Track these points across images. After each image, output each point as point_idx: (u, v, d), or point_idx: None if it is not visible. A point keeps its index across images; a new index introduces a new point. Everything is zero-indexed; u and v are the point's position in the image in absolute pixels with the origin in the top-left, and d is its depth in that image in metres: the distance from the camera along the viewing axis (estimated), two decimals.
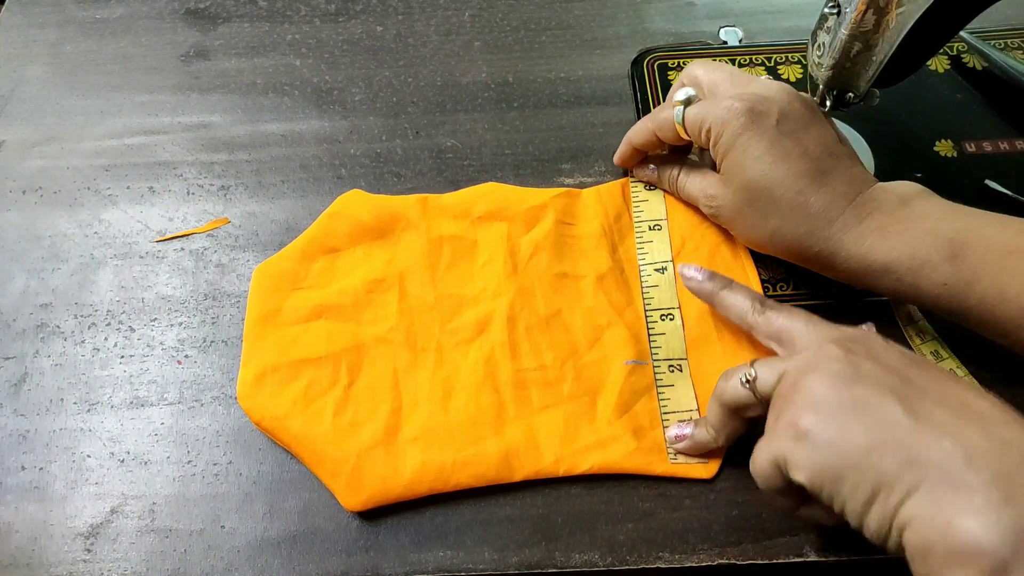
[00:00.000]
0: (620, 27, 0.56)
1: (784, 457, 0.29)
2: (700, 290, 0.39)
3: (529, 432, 0.38)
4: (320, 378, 0.40)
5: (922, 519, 0.25)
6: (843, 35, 0.37)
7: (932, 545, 0.25)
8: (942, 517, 0.25)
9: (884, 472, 0.26)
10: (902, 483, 0.26)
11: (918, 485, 0.26)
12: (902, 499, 0.26)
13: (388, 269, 0.43)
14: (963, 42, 0.52)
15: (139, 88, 0.53)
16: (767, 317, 0.36)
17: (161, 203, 0.48)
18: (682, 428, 0.37)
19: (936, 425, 0.27)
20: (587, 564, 0.36)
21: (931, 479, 0.26)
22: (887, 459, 0.27)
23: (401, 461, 0.37)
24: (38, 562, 0.37)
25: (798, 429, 0.29)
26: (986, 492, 0.24)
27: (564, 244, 0.44)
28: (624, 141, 0.46)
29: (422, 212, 0.45)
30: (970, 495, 0.25)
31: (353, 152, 0.50)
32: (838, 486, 0.28)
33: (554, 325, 0.41)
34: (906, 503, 0.26)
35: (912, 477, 0.26)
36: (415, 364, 0.40)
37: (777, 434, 0.30)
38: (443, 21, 0.57)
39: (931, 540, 0.25)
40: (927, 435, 0.26)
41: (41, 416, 0.41)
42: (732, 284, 0.39)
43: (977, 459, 0.25)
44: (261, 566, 0.36)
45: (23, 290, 0.45)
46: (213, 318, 0.43)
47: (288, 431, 0.38)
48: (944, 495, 0.25)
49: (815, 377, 0.30)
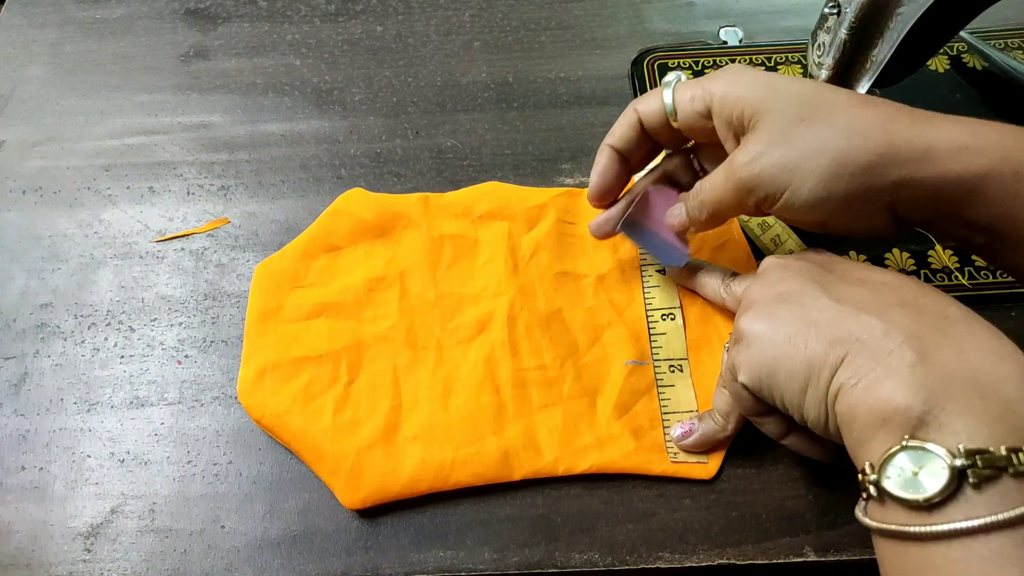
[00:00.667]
0: (620, 27, 0.56)
1: (732, 363, 0.31)
2: (679, 274, 0.41)
3: (528, 431, 0.38)
4: (320, 376, 0.40)
5: (846, 388, 0.26)
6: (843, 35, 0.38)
7: (856, 411, 0.26)
8: (863, 384, 0.26)
9: (812, 355, 0.27)
10: (828, 361, 0.27)
11: (842, 359, 0.27)
12: (830, 376, 0.27)
13: (389, 267, 0.43)
14: (963, 42, 0.52)
15: (139, 88, 0.53)
16: (731, 289, 0.38)
17: (161, 203, 0.48)
18: (686, 425, 0.38)
19: (856, 304, 0.28)
20: (587, 564, 0.36)
21: (853, 351, 0.27)
22: (812, 342, 0.28)
23: (400, 459, 0.37)
24: (38, 562, 0.37)
25: (738, 333, 0.31)
26: (901, 354, 0.25)
27: (565, 243, 0.44)
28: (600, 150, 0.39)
29: (423, 211, 0.45)
30: (888, 359, 0.26)
31: (353, 152, 0.50)
32: (775, 379, 0.29)
33: (554, 324, 0.41)
34: (834, 379, 0.27)
35: (837, 354, 0.27)
36: (415, 362, 0.40)
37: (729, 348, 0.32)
38: (443, 21, 0.57)
39: (855, 406, 0.26)
40: (848, 314, 0.28)
41: (41, 416, 0.41)
42: (707, 265, 0.41)
43: (893, 327, 0.26)
44: (261, 566, 0.36)
45: (23, 290, 0.45)
46: (213, 318, 0.43)
47: (288, 428, 0.38)
48: (865, 363, 0.26)
49: (754, 286, 0.33)
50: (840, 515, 0.36)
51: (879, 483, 0.25)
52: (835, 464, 0.35)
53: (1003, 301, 0.42)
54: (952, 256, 0.43)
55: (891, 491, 0.24)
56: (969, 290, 0.42)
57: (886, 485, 0.24)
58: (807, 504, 0.37)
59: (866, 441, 0.26)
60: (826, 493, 0.37)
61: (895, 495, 0.24)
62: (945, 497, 0.23)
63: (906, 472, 0.24)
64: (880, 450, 0.25)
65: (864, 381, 0.26)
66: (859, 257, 0.44)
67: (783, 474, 0.38)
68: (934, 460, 0.23)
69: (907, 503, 0.24)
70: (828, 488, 0.37)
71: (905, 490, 0.24)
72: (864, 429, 0.26)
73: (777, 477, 0.37)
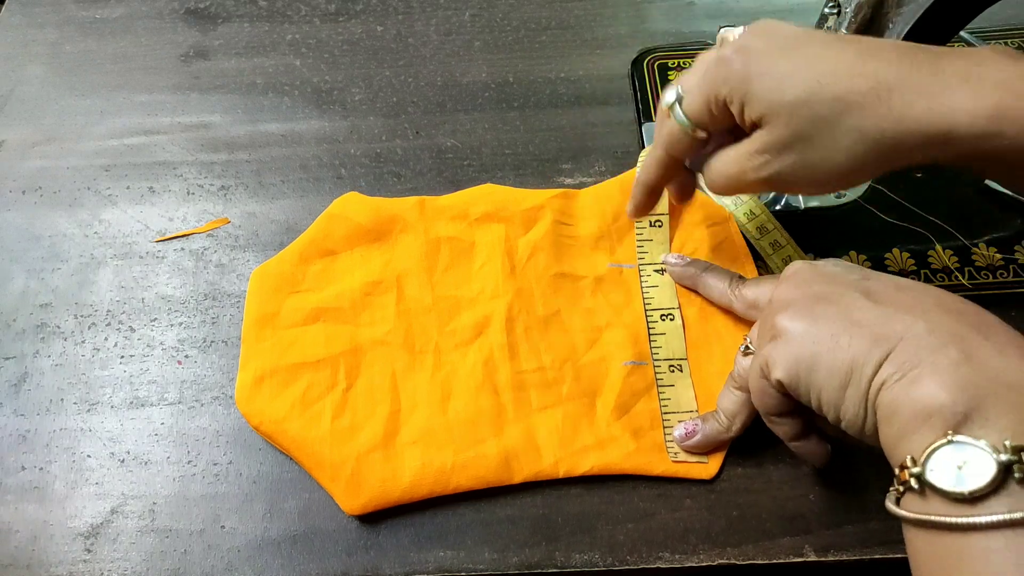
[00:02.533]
0: (620, 27, 0.56)
1: (765, 360, 0.31)
2: (682, 274, 0.42)
3: (528, 434, 0.38)
4: (318, 381, 0.40)
5: (889, 383, 0.27)
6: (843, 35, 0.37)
7: (899, 405, 0.26)
8: (907, 379, 0.26)
9: (855, 352, 0.28)
10: (872, 358, 0.27)
11: (887, 355, 0.27)
12: (873, 373, 0.27)
13: (386, 271, 0.43)
14: (963, 42, 0.52)
15: (139, 88, 0.53)
16: (741, 291, 0.38)
17: (161, 203, 0.48)
18: (689, 425, 0.38)
19: (896, 305, 0.28)
20: (587, 564, 0.36)
21: (898, 348, 0.27)
22: (855, 340, 0.28)
23: (400, 464, 0.37)
24: (38, 562, 0.37)
25: (774, 331, 0.31)
26: (946, 352, 0.26)
27: (562, 245, 0.44)
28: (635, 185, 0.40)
29: (419, 214, 0.45)
30: (932, 356, 0.26)
31: (353, 152, 0.50)
32: (813, 375, 0.29)
33: (553, 326, 0.41)
34: (876, 375, 0.27)
35: (880, 351, 0.27)
36: (413, 366, 0.40)
37: (759, 345, 0.32)
38: (443, 21, 0.57)
39: (898, 400, 0.26)
40: (890, 314, 0.28)
41: (41, 416, 0.41)
42: (711, 267, 0.41)
43: (937, 327, 0.27)
44: (261, 566, 0.36)
45: (23, 290, 0.45)
46: (213, 318, 0.43)
47: (286, 435, 0.38)
48: (909, 359, 0.27)
49: (783, 286, 0.33)
50: (840, 515, 0.36)
51: (922, 476, 0.25)
52: (835, 464, 0.35)
53: (1003, 301, 0.42)
54: (952, 256, 0.43)
55: (935, 484, 0.25)
56: (969, 290, 0.42)
57: (929, 478, 0.25)
58: (807, 504, 0.37)
59: (908, 435, 0.26)
60: (826, 493, 0.37)
61: (939, 488, 0.25)
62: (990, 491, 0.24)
63: (950, 466, 0.24)
64: (923, 444, 0.25)
65: (908, 376, 0.26)
66: (859, 257, 0.44)
67: (783, 474, 0.38)
68: (979, 455, 0.24)
69: (951, 495, 0.24)
70: (828, 488, 0.37)
71: (950, 483, 0.24)
72: (906, 423, 0.26)
73: (777, 477, 0.37)
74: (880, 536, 0.36)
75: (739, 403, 0.36)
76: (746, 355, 0.35)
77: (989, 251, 0.43)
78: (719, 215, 0.44)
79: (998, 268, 0.43)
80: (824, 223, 0.45)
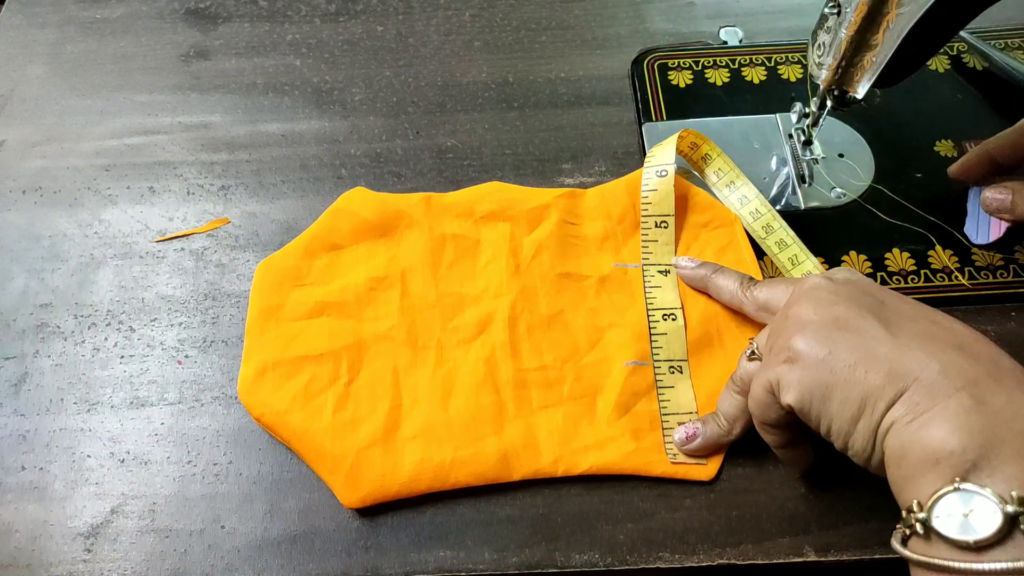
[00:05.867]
0: (620, 27, 0.56)
1: (777, 379, 0.31)
2: (693, 276, 0.42)
3: (528, 432, 0.38)
4: (321, 374, 0.40)
5: (900, 424, 0.27)
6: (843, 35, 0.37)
7: (908, 448, 0.26)
8: (918, 422, 0.26)
9: (870, 386, 0.28)
10: (886, 395, 0.27)
11: (899, 395, 0.27)
12: (885, 409, 0.27)
13: (390, 267, 0.43)
14: (963, 42, 0.52)
15: (139, 88, 0.53)
16: (753, 293, 0.38)
17: (161, 203, 0.48)
18: (690, 429, 0.37)
19: (913, 342, 0.28)
20: (587, 564, 0.36)
21: (911, 388, 0.27)
22: (872, 374, 0.28)
23: (400, 458, 0.37)
24: (38, 562, 0.37)
25: (789, 352, 0.30)
26: (958, 398, 0.26)
27: (567, 244, 0.44)
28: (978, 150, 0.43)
29: (425, 210, 0.45)
30: (944, 400, 0.26)
31: (353, 152, 0.50)
32: (826, 404, 0.29)
33: (555, 325, 0.41)
34: (888, 413, 0.27)
35: (895, 388, 0.27)
36: (416, 362, 0.40)
37: (770, 360, 0.32)
38: (443, 21, 0.57)
39: (907, 444, 0.26)
40: (906, 350, 0.28)
41: (41, 416, 0.41)
42: (721, 268, 0.41)
43: (950, 369, 0.27)
44: (261, 566, 0.36)
45: (23, 290, 0.45)
46: (213, 318, 0.43)
47: (288, 427, 0.38)
48: (921, 402, 0.26)
49: (801, 303, 0.32)
50: (840, 515, 0.36)
51: (928, 522, 0.25)
52: (835, 465, 0.35)
53: (1003, 301, 0.42)
54: (952, 256, 0.43)
55: (940, 531, 0.25)
56: (969, 290, 0.42)
57: (935, 524, 0.25)
58: (807, 504, 0.37)
59: (915, 478, 0.26)
60: (826, 493, 0.37)
61: (945, 535, 0.25)
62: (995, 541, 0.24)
63: (956, 514, 0.24)
64: (930, 490, 0.25)
65: (919, 420, 0.26)
66: (859, 258, 0.44)
67: (783, 474, 0.38)
68: (985, 504, 0.24)
69: (956, 543, 0.24)
70: (828, 488, 0.37)
71: (955, 531, 0.24)
72: (914, 467, 0.26)
73: (777, 477, 0.37)
74: (880, 536, 0.36)
75: (740, 407, 0.36)
76: (751, 360, 0.35)
77: (989, 251, 0.43)
78: (725, 217, 0.44)
79: (998, 268, 0.43)
80: (824, 223, 0.45)
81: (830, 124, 0.48)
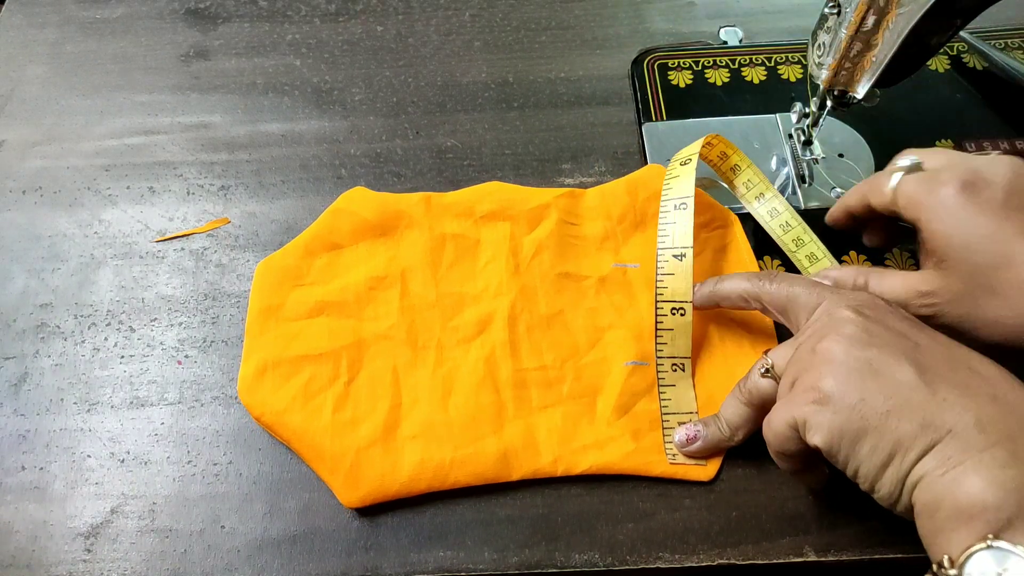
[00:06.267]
0: (620, 27, 0.56)
1: (804, 420, 0.30)
2: (701, 296, 0.39)
3: (528, 431, 0.38)
4: (320, 374, 0.40)
5: (932, 477, 0.26)
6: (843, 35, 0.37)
7: (940, 502, 0.26)
8: (951, 475, 0.26)
9: (902, 435, 0.27)
10: (918, 445, 0.27)
11: (932, 446, 0.27)
12: (916, 460, 0.27)
13: (390, 266, 0.43)
14: (963, 42, 0.52)
15: (139, 88, 0.53)
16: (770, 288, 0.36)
17: (161, 203, 0.48)
18: (691, 430, 0.37)
19: (948, 390, 0.28)
20: (587, 564, 0.36)
21: (944, 440, 0.26)
22: (904, 423, 0.27)
23: (399, 458, 0.37)
24: (38, 562, 0.37)
25: (819, 393, 0.29)
26: (993, 452, 0.25)
27: (567, 244, 0.44)
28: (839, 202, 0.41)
29: (425, 210, 0.45)
30: (979, 455, 0.25)
31: (353, 152, 0.50)
32: (856, 449, 0.28)
33: (555, 325, 0.41)
34: (919, 463, 0.27)
35: (927, 439, 0.27)
36: (415, 362, 0.40)
37: (796, 397, 0.31)
38: (443, 21, 0.57)
39: (939, 497, 0.26)
40: (941, 399, 0.27)
41: (41, 416, 0.41)
42: (722, 276, 0.39)
43: (986, 422, 0.26)
44: (261, 566, 0.36)
45: (23, 290, 0.45)
46: (213, 318, 0.43)
47: (287, 426, 0.38)
48: (955, 455, 0.26)
49: (831, 340, 0.30)
50: (840, 515, 0.36)
51: None
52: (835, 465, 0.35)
53: None
54: None
55: None
56: None
57: None
58: (807, 504, 0.37)
59: (946, 533, 0.26)
60: (826, 493, 0.37)
61: None
62: None
63: (989, 572, 0.24)
64: (962, 546, 0.25)
65: (952, 473, 0.26)
66: (859, 257, 0.44)
67: (783, 474, 0.37)
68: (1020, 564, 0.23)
69: None
70: (828, 488, 0.37)
71: None
72: (946, 520, 0.26)
73: (777, 477, 0.37)
74: (880, 536, 0.36)
75: (745, 416, 0.35)
76: (764, 376, 0.34)
77: None
78: (725, 217, 0.44)
79: None
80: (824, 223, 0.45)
81: (830, 124, 0.48)
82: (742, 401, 0.35)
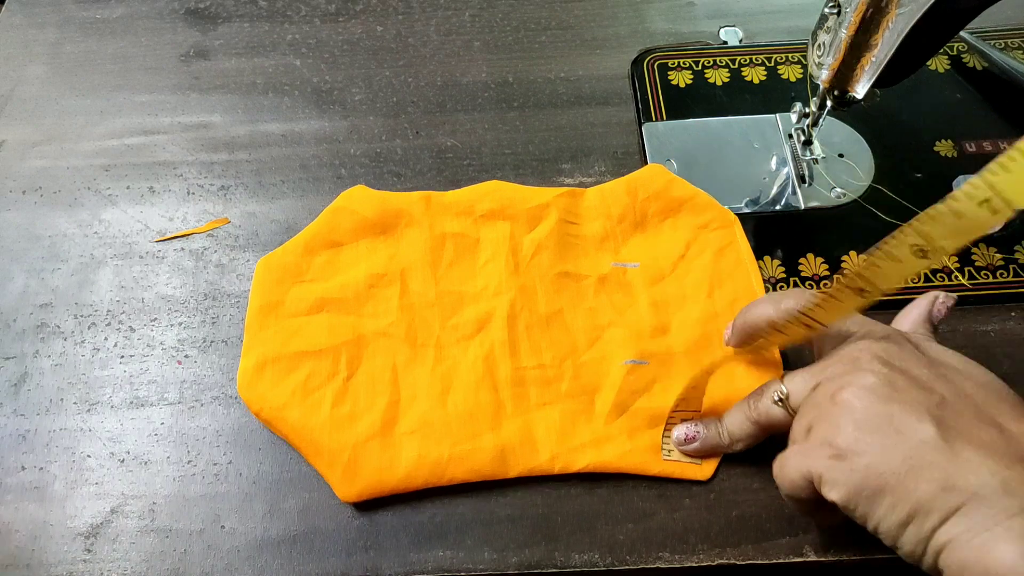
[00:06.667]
0: (620, 27, 0.56)
1: (820, 474, 0.29)
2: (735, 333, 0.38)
3: (526, 429, 0.38)
4: (320, 370, 0.40)
5: (959, 543, 0.26)
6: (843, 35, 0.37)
7: (969, 568, 0.26)
8: (979, 542, 0.25)
9: (922, 496, 0.27)
10: (939, 508, 0.26)
11: (955, 510, 0.26)
12: (939, 523, 0.26)
13: (390, 265, 0.43)
14: (963, 42, 0.52)
15: (139, 88, 0.53)
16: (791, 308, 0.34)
17: (161, 203, 0.48)
18: (691, 429, 0.37)
19: (971, 450, 0.27)
20: (587, 564, 0.36)
21: (968, 504, 0.26)
22: (924, 484, 0.27)
23: (397, 453, 0.38)
24: (38, 562, 0.37)
25: (836, 447, 0.29)
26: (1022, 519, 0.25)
27: (567, 244, 0.44)
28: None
29: (425, 209, 0.45)
30: (1008, 521, 0.25)
31: (353, 152, 0.50)
32: (874, 507, 0.28)
33: (554, 324, 0.41)
34: (943, 527, 0.26)
35: (949, 502, 0.26)
36: (414, 359, 0.40)
37: (812, 449, 0.30)
38: (443, 21, 0.57)
39: (968, 563, 0.26)
40: (964, 461, 0.27)
41: (41, 416, 0.41)
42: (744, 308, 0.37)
43: (1013, 485, 0.26)
44: (261, 566, 0.36)
45: (23, 290, 0.45)
46: (213, 318, 0.43)
47: (286, 421, 0.38)
48: (981, 521, 0.26)
49: (852, 392, 0.30)
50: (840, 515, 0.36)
51: None
52: None
53: (1003, 301, 0.42)
54: (952, 256, 0.43)
55: None
56: (969, 290, 0.42)
57: None
58: None
59: None
60: None
61: None
62: None
63: None
64: None
65: (980, 539, 0.25)
66: (859, 258, 0.44)
67: None
68: None
69: None
70: None
71: None
72: None
73: None
74: None
75: (748, 432, 0.35)
76: (776, 404, 0.33)
77: (989, 251, 0.43)
78: (725, 218, 0.44)
79: (998, 268, 0.43)
80: (824, 223, 0.45)
81: (830, 124, 0.48)
82: (750, 418, 0.35)
